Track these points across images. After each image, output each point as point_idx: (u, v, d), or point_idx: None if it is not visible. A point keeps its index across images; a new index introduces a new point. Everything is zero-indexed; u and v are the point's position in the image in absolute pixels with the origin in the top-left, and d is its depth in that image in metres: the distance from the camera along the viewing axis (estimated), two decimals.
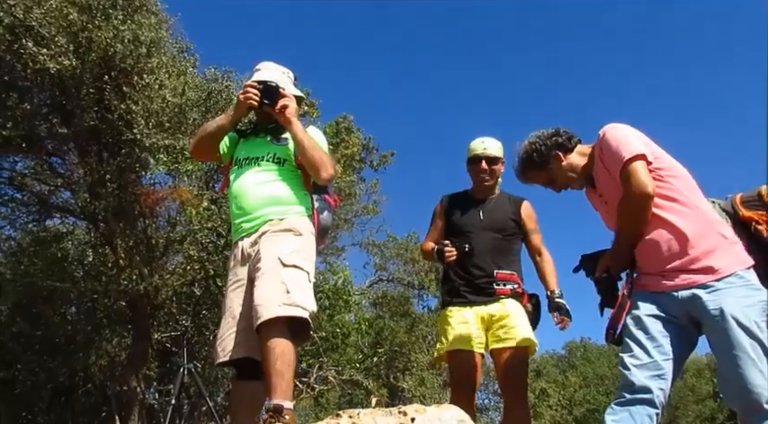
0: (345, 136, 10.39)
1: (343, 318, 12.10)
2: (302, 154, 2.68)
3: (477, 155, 3.27)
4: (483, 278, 3.15)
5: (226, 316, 2.65)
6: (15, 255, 9.83)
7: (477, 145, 3.30)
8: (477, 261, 3.15)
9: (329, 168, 2.72)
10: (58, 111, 8.18)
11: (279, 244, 2.55)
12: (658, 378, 2.12)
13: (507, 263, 3.20)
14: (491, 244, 3.18)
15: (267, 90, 2.68)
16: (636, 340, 2.19)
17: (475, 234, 3.19)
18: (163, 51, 7.91)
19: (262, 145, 2.79)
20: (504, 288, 3.15)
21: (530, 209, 3.34)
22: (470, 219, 3.25)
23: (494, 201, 3.31)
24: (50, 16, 7.06)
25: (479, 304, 3.15)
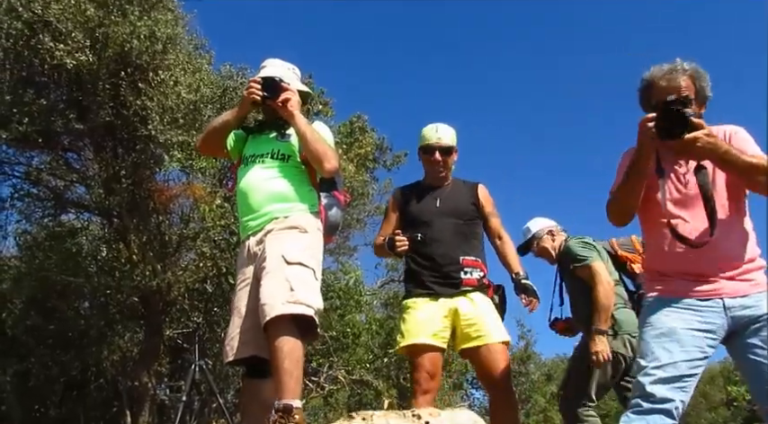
0: (359, 136, 10.36)
1: (354, 318, 12.08)
2: (305, 146, 2.67)
3: (431, 146, 3.15)
4: (449, 266, 3.01)
5: (234, 315, 2.66)
6: (31, 249, 9.91)
7: (430, 133, 3.16)
8: (440, 249, 3.03)
9: (332, 160, 2.69)
10: (74, 107, 8.23)
11: (283, 242, 2.55)
12: (680, 390, 2.06)
13: (471, 249, 3.08)
14: (453, 230, 3.07)
15: (268, 84, 2.68)
16: (663, 348, 2.10)
17: (434, 221, 3.07)
18: (179, 48, 7.94)
19: (267, 142, 2.79)
20: (470, 278, 3.00)
21: (486, 192, 3.24)
22: (427, 207, 3.13)
23: (449, 188, 3.20)
24: (68, 12, 7.10)
25: (446, 296, 3.00)
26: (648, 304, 2.24)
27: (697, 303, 2.13)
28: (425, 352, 2.95)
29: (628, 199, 2.21)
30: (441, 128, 3.16)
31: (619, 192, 2.23)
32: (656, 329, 2.15)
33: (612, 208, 2.27)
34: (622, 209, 2.26)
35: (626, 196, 2.21)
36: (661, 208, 2.17)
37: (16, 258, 10.06)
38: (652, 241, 2.30)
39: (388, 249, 3.06)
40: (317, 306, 2.51)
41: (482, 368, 2.97)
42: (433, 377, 2.95)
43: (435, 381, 2.96)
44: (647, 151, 2.08)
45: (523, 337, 22.89)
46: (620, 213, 2.27)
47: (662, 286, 2.23)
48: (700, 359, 2.09)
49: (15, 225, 9.71)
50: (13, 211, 9.44)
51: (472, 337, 2.95)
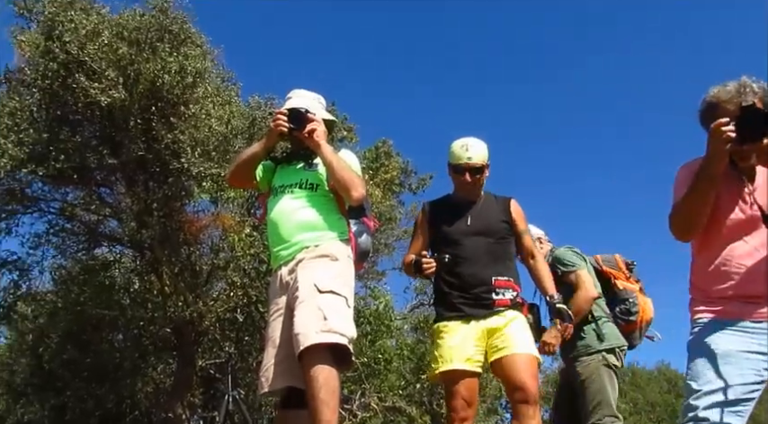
0: (385, 161, 10.42)
1: (385, 343, 11.98)
2: (332, 176, 2.67)
3: (461, 166, 2.97)
4: (480, 287, 2.86)
5: (268, 346, 2.64)
6: (66, 284, 10.08)
7: (460, 152, 2.98)
8: (471, 269, 2.88)
9: (359, 188, 2.68)
10: (107, 143, 8.45)
11: (315, 271, 2.54)
12: (736, 415, 1.97)
13: (504, 269, 2.92)
14: (485, 249, 2.91)
15: (294, 115, 2.70)
16: (717, 371, 2.02)
17: (464, 240, 2.93)
18: (207, 81, 8.13)
19: (295, 172, 2.80)
20: (503, 298, 2.85)
21: (518, 208, 3.08)
22: (458, 225, 2.97)
23: (480, 204, 3.03)
24: (102, 51, 7.34)
25: (477, 318, 2.84)
26: (700, 326, 2.16)
27: (752, 325, 2.06)
28: (461, 379, 2.80)
29: (696, 208, 2.11)
30: (471, 147, 2.98)
31: (685, 202, 2.12)
32: (710, 351, 2.07)
33: (678, 220, 2.18)
34: (690, 220, 2.15)
35: (694, 205, 2.10)
36: (718, 227, 2.12)
37: (52, 292, 10.24)
38: (707, 260, 2.22)
39: (415, 271, 2.96)
40: (351, 335, 2.48)
41: (506, 378, 2.80)
42: (470, 405, 2.80)
43: (472, 408, 2.82)
44: (719, 156, 1.98)
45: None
46: (687, 224, 2.17)
47: (715, 307, 2.15)
48: (756, 383, 2.00)
49: (51, 260, 9.91)
50: (48, 246, 9.64)
51: (498, 348, 2.80)
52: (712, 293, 2.17)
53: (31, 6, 8.05)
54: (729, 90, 2.13)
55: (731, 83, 2.14)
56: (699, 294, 2.25)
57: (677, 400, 27.67)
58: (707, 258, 2.21)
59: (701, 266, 2.26)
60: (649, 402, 29.40)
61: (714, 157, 2.00)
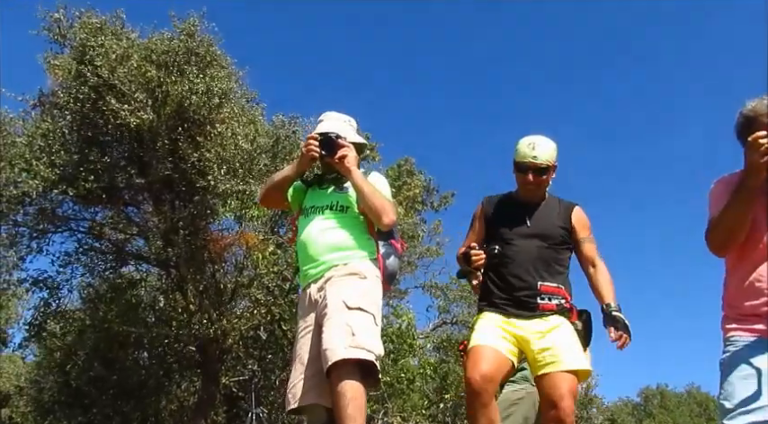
0: (407, 179, 10.47)
1: (408, 363, 11.89)
2: (363, 201, 2.71)
3: (525, 164, 2.85)
4: (524, 291, 2.73)
5: (296, 363, 2.65)
6: (93, 302, 10.26)
7: (526, 150, 2.84)
8: (518, 271, 2.76)
9: (390, 214, 2.71)
10: (135, 163, 8.66)
11: (343, 288, 2.57)
12: None
13: (553, 275, 2.78)
14: (536, 254, 2.79)
15: (326, 141, 2.75)
16: (751, 390, 2.00)
17: (518, 241, 2.81)
18: (233, 102, 8.30)
19: (326, 195, 2.85)
20: (548, 303, 2.71)
21: (582, 215, 2.92)
22: (515, 226, 2.86)
23: (542, 207, 2.91)
24: (131, 74, 7.57)
25: (519, 318, 2.71)
26: (733, 344, 2.13)
27: None
28: (485, 352, 2.62)
29: (735, 223, 2.10)
30: (538, 145, 2.85)
31: (723, 217, 2.12)
32: (744, 370, 2.05)
33: (715, 236, 2.16)
34: (728, 235, 2.14)
35: (733, 220, 2.10)
36: (754, 244, 2.10)
37: (80, 310, 10.42)
38: (741, 277, 2.18)
39: (464, 262, 2.83)
40: (378, 352, 2.48)
41: (544, 395, 2.61)
42: (491, 381, 2.55)
43: (491, 385, 2.55)
44: (758, 169, 1.98)
45: None
46: (725, 240, 2.15)
47: (748, 325, 2.13)
48: None
49: (80, 278, 10.10)
50: (78, 265, 9.84)
51: (546, 362, 2.62)
52: (745, 310, 2.15)
53: (65, 32, 8.33)
54: (766, 102, 2.13)
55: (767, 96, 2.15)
56: (732, 311, 2.22)
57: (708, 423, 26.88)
58: (742, 274, 2.18)
59: (735, 283, 2.23)
60: None
61: (753, 171, 1.99)
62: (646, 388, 34.91)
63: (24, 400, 11.27)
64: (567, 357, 2.63)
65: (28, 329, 9.67)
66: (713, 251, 2.19)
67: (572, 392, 2.60)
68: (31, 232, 9.14)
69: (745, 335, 2.12)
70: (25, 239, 9.16)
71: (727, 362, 2.12)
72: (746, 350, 2.08)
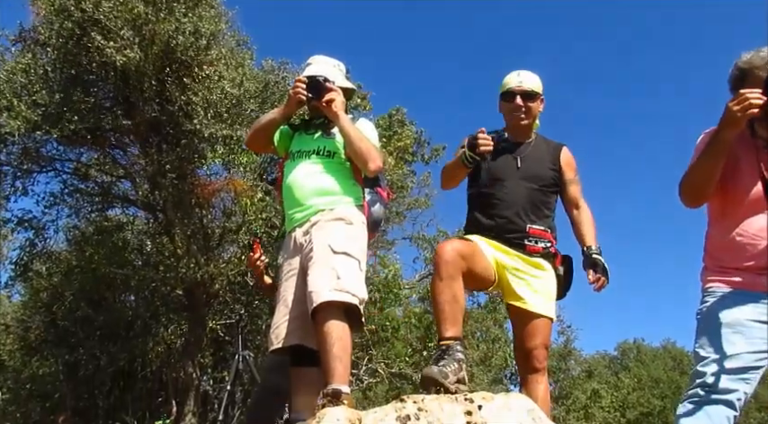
0: (398, 129, 10.37)
1: (393, 312, 12.09)
2: (349, 146, 2.70)
3: (512, 90, 2.84)
4: (513, 233, 2.75)
5: (279, 305, 2.68)
6: (79, 244, 10.23)
7: (511, 78, 2.86)
8: (507, 213, 2.76)
9: (377, 160, 2.71)
10: (121, 104, 8.46)
11: (329, 232, 2.58)
12: (744, 382, 2.00)
13: (541, 218, 2.80)
14: (526, 196, 2.79)
15: (313, 84, 2.71)
16: (726, 339, 2.04)
17: (509, 181, 2.80)
18: (222, 44, 8.08)
19: (312, 140, 2.83)
20: (535, 246, 2.75)
21: (570, 156, 2.93)
22: (506, 166, 2.84)
23: (531, 146, 2.90)
24: (117, 10, 7.29)
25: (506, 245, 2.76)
26: (711, 295, 2.18)
27: (765, 296, 2.07)
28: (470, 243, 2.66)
29: (705, 174, 2.11)
30: (523, 73, 2.87)
31: (694, 168, 2.13)
32: (720, 320, 2.09)
33: (686, 186, 2.17)
34: (697, 186, 2.15)
35: (703, 171, 2.11)
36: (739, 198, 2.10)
37: (67, 252, 10.39)
38: (724, 230, 2.20)
39: (469, 149, 2.70)
40: (362, 296, 2.51)
41: (520, 337, 2.78)
42: (465, 258, 2.55)
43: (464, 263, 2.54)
44: (734, 122, 1.96)
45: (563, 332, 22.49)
46: (695, 190, 2.17)
47: (728, 277, 2.17)
48: (765, 352, 2.03)
49: (66, 220, 10.03)
50: (63, 206, 9.75)
51: (520, 297, 2.73)
52: (727, 263, 2.18)
53: None
54: (764, 56, 2.09)
55: (765, 49, 2.11)
56: (712, 263, 2.24)
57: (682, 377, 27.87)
58: (725, 227, 2.20)
59: (718, 235, 2.25)
60: (653, 379, 29.60)
61: (729, 122, 1.97)
62: (623, 342, 35.97)
63: (11, 338, 11.36)
64: (543, 303, 2.74)
65: (14, 268, 9.66)
66: (683, 201, 2.20)
67: (547, 339, 2.79)
68: (15, 171, 9.00)
69: (723, 286, 2.16)
70: (9, 178, 9.02)
71: (705, 312, 2.17)
72: (724, 301, 2.13)
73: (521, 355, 2.81)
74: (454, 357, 2.35)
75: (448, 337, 2.43)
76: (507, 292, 2.78)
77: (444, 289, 2.47)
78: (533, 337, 2.74)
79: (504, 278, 2.75)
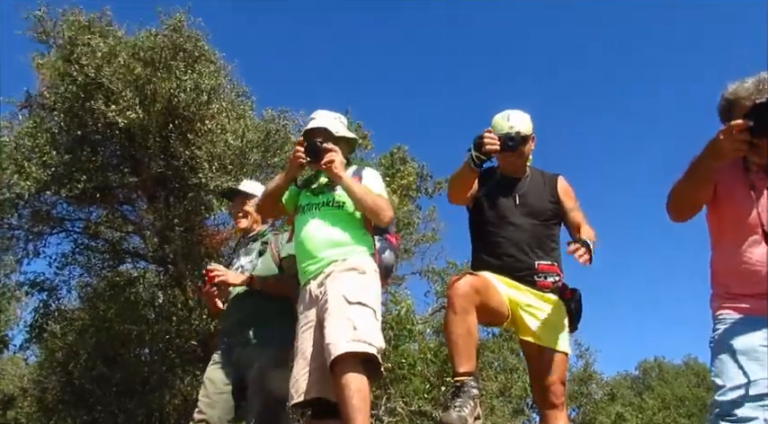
0: (400, 167, 10.47)
1: (408, 348, 11.98)
2: (356, 204, 2.76)
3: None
4: (522, 271, 2.76)
5: (298, 358, 2.69)
6: (92, 301, 10.27)
7: (501, 122, 2.83)
8: (513, 251, 2.78)
9: (387, 211, 2.76)
10: (127, 162, 8.63)
11: (344, 283, 2.60)
12: (763, 409, 1.98)
13: (547, 252, 2.82)
14: (530, 232, 2.81)
15: (311, 148, 2.77)
16: (742, 367, 2.04)
17: (510, 220, 2.82)
18: (222, 97, 8.26)
19: (320, 193, 2.89)
20: (545, 281, 2.76)
21: (566, 185, 2.93)
22: (505, 203, 2.86)
23: (528, 181, 2.90)
24: (119, 72, 7.51)
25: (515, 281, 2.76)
26: (722, 323, 2.18)
27: None
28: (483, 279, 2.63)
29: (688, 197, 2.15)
30: (512, 116, 2.85)
31: (678, 187, 2.15)
32: (733, 347, 2.09)
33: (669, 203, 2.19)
34: (680, 205, 2.18)
35: (686, 194, 2.14)
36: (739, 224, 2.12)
37: (80, 310, 10.43)
38: (727, 256, 2.21)
39: (475, 149, 2.63)
40: (380, 345, 2.52)
41: (536, 373, 2.79)
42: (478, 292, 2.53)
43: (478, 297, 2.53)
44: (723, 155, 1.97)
45: (582, 356, 22.15)
46: (678, 208, 2.19)
47: (737, 304, 2.17)
48: None
49: (78, 278, 10.12)
50: (75, 265, 9.85)
51: (534, 332, 2.73)
52: (734, 289, 2.18)
53: (50, 31, 8.26)
54: (748, 86, 2.13)
55: (749, 79, 2.14)
56: (720, 289, 2.25)
57: (707, 394, 27.25)
58: (727, 253, 2.21)
59: (721, 260, 2.26)
60: (678, 397, 28.98)
61: (718, 154, 1.98)
62: (644, 361, 35.34)
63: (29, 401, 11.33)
64: (557, 338, 2.75)
65: (29, 330, 9.72)
66: (668, 215, 2.22)
67: (564, 375, 2.77)
68: (26, 234, 9.14)
69: (733, 313, 2.16)
70: (21, 242, 9.16)
71: (718, 340, 2.16)
72: (735, 328, 2.13)
73: (538, 391, 2.80)
74: (469, 395, 2.36)
75: (462, 373, 2.43)
76: (520, 328, 2.79)
77: (458, 323, 2.47)
78: (549, 373, 2.73)
79: (517, 314, 2.76)
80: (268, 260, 3.28)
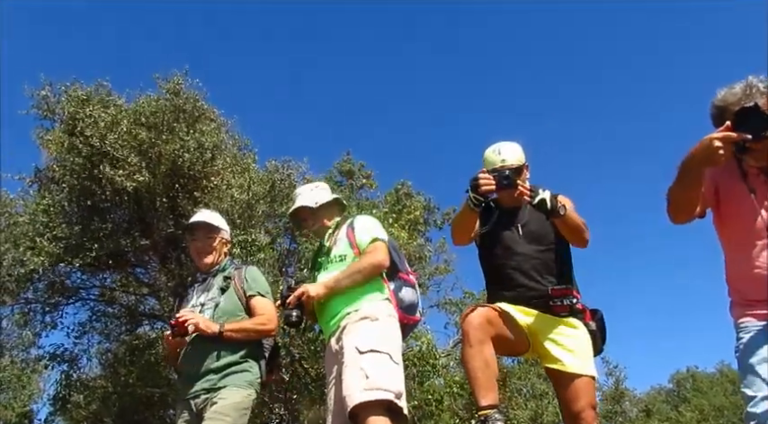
0: (406, 202, 10.52)
1: (434, 383, 11.81)
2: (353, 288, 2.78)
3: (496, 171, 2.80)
4: (536, 299, 2.71)
5: (328, 414, 2.73)
6: (113, 366, 10.25)
7: (493, 157, 2.83)
8: (524, 281, 2.75)
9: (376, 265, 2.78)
10: (137, 225, 8.73)
11: (356, 335, 2.63)
12: None
13: (559, 277, 2.77)
14: (538, 259, 2.79)
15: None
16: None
17: (516, 250, 2.80)
18: (225, 152, 8.41)
19: (326, 255, 2.96)
20: (561, 306, 2.71)
21: (564, 199, 2.82)
22: (509, 236, 2.85)
23: (528, 210, 2.84)
24: (122, 139, 7.68)
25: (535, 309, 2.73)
26: (744, 331, 2.15)
27: None
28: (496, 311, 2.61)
29: (683, 201, 2.15)
30: (503, 149, 2.84)
31: (672, 190, 2.16)
32: (759, 356, 2.07)
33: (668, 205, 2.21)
34: (676, 207, 2.18)
35: (680, 197, 2.14)
36: (744, 229, 2.12)
37: (102, 377, 10.41)
38: (738, 263, 2.21)
39: (472, 190, 2.64)
40: (397, 389, 2.50)
41: (566, 402, 2.71)
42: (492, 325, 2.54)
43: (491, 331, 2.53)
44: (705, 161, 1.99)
45: (611, 373, 21.68)
46: (674, 210, 2.20)
47: (756, 311, 2.15)
48: None
49: (97, 346, 10.13)
50: (93, 333, 9.87)
51: (557, 359, 2.69)
52: (751, 296, 2.18)
53: (53, 107, 8.49)
54: (736, 92, 2.15)
55: (737, 84, 2.17)
56: (738, 297, 2.24)
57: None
58: (739, 258, 2.21)
59: (734, 266, 2.26)
60: (716, 407, 28.21)
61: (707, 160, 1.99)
62: (677, 373, 34.55)
63: None
64: (581, 362, 2.68)
65: (52, 403, 9.68)
66: (669, 218, 2.23)
67: (593, 399, 2.70)
68: (43, 307, 9.21)
69: (754, 321, 2.15)
70: (38, 315, 9.23)
71: (743, 350, 2.14)
72: (759, 335, 2.11)
73: (568, 418, 2.73)
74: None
75: (485, 406, 2.40)
76: (544, 356, 2.76)
77: (475, 356, 2.46)
78: (578, 399, 2.67)
79: (538, 342, 2.73)
80: (232, 297, 3.00)
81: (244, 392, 2.85)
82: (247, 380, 2.88)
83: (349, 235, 2.90)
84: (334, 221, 3.03)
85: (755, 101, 2.01)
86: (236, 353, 2.93)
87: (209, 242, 3.09)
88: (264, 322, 2.88)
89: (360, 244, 2.86)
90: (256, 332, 2.90)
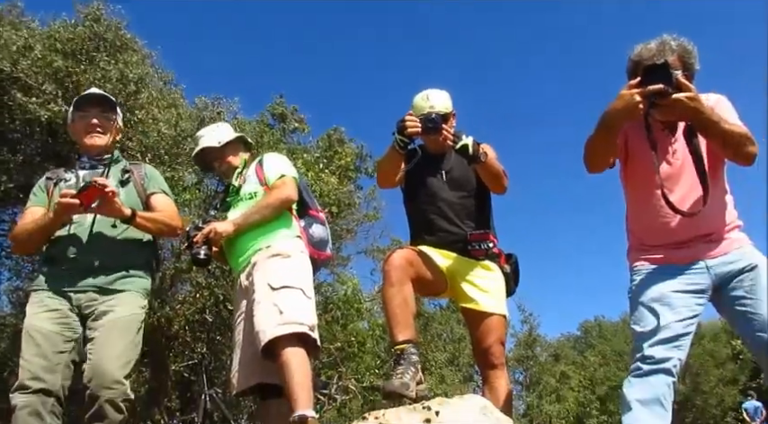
0: (338, 148, 10.48)
1: (357, 326, 12.14)
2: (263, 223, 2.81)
3: None
4: (455, 243, 2.87)
5: (235, 348, 2.80)
6: (23, 305, 9.84)
7: (422, 103, 2.90)
8: (444, 225, 2.90)
9: (283, 197, 2.81)
10: (51, 159, 8.23)
11: (267, 271, 2.68)
12: (677, 349, 2.17)
13: (479, 222, 2.94)
14: (460, 205, 2.93)
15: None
16: (655, 313, 2.22)
17: (439, 195, 2.93)
18: (150, 86, 8.00)
19: (235, 194, 2.98)
20: (479, 250, 2.87)
21: (486, 146, 2.92)
22: (433, 182, 2.97)
23: (452, 157, 2.95)
24: (36, 65, 7.14)
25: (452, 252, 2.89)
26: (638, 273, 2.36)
27: (682, 267, 2.27)
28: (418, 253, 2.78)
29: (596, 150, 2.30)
30: (432, 96, 2.91)
31: (589, 142, 2.31)
32: (648, 296, 2.27)
33: (585, 158, 2.36)
34: (591, 158, 2.34)
35: (594, 147, 2.29)
36: (646, 180, 2.28)
37: (11, 315, 10.01)
38: (638, 212, 2.40)
39: (398, 132, 2.72)
40: (310, 323, 2.60)
41: (476, 337, 2.91)
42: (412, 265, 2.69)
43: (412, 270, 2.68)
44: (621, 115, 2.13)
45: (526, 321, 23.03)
46: (589, 160, 2.36)
47: (649, 255, 2.36)
48: (690, 318, 2.22)
49: (6, 283, 9.67)
50: (2, 269, 9.40)
51: (472, 299, 2.86)
52: (648, 241, 2.38)
53: None
54: (651, 48, 2.29)
55: (653, 41, 2.31)
56: (636, 242, 2.45)
57: None
58: (640, 208, 2.40)
59: (635, 215, 2.45)
60: (617, 352, 30.55)
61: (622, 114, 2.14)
62: (585, 321, 37.10)
63: None
64: (494, 302, 2.87)
65: None
66: (585, 167, 2.38)
67: (502, 336, 2.91)
68: None
69: (647, 264, 2.35)
70: None
71: (635, 290, 2.34)
72: (650, 277, 2.31)
73: (479, 354, 2.94)
74: (410, 361, 2.49)
75: (401, 341, 2.55)
76: (460, 296, 2.93)
77: (395, 294, 2.60)
78: (488, 335, 2.87)
79: (456, 283, 2.90)
80: (132, 193, 2.71)
81: (142, 301, 2.64)
82: (146, 288, 2.67)
83: (258, 173, 2.91)
84: (242, 159, 3.01)
85: (665, 58, 2.16)
86: (138, 254, 2.67)
87: (106, 121, 2.74)
88: (174, 217, 2.76)
89: (269, 181, 2.86)
90: (167, 227, 2.72)
